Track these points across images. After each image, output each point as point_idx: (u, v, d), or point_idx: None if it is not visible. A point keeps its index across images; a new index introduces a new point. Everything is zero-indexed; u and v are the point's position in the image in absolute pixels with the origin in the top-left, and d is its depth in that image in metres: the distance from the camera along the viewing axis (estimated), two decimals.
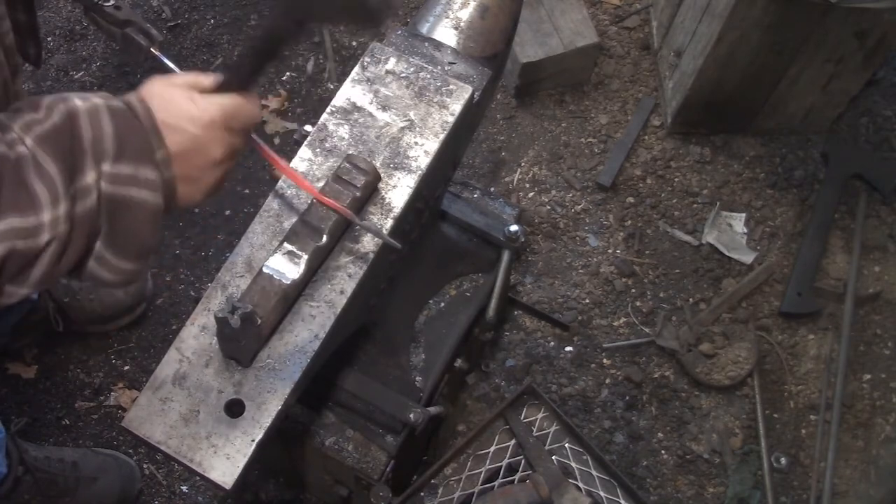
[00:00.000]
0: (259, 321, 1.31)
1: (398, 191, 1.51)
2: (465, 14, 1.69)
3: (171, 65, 1.55)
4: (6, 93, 1.30)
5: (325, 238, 1.41)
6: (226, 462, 1.31)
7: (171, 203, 1.08)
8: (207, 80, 1.11)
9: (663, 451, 2.41)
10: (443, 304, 1.98)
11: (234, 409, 1.34)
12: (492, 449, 1.80)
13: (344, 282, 1.44)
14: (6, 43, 1.29)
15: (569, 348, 2.51)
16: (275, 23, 1.10)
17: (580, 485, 1.74)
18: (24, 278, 0.97)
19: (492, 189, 2.67)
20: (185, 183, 1.08)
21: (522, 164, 2.78)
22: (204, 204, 1.07)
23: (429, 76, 1.61)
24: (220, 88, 1.10)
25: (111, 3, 1.57)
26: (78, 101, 0.99)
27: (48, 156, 0.95)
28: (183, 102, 1.06)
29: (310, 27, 1.15)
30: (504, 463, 1.79)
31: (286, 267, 1.38)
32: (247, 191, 2.68)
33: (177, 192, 1.08)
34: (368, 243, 1.47)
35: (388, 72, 1.61)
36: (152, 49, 1.58)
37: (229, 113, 1.09)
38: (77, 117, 0.98)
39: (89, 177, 0.97)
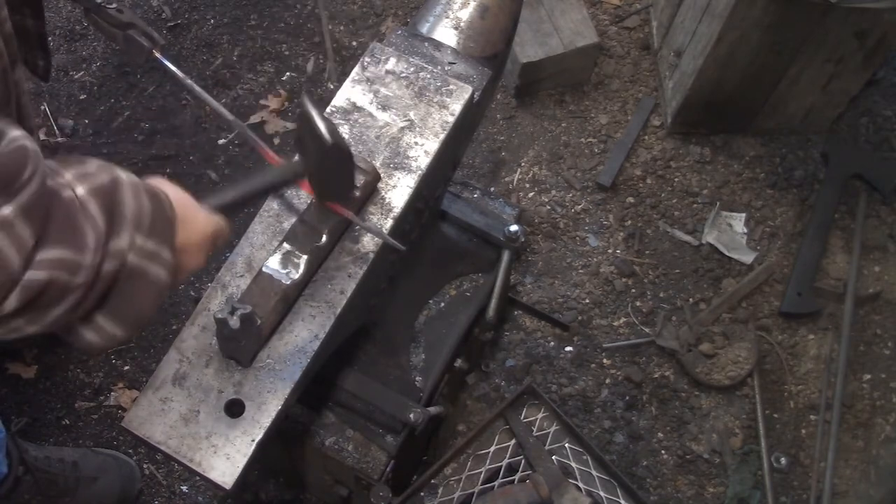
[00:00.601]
0: (259, 321, 1.31)
1: (398, 191, 1.51)
2: (465, 14, 1.69)
3: (172, 67, 1.56)
4: (6, 82, 1.30)
5: (324, 238, 1.41)
6: (226, 462, 1.31)
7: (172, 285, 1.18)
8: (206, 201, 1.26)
9: (663, 451, 2.41)
10: (443, 304, 1.98)
11: (234, 409, 1.34)
12: (492, 449, 1.80)
13: (344, 282, 1.44)
14: (5, 30, 1.29)
15: (569, 348, 2.51)
16: (284, 178, 1.30)
17: (580, 485, 1.74)
18: (45, 314, 0.99)
19: (492, 189, 2.67)
20: (179, 270, 1.19)
21: (522, 164, 2.78)
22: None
23: (429, 76, 1.60)
24: (218, 209, 1.24)
25: (113, 5, 1.57)
26: (120, 172, 1.07)
27: (98, 208, 1.00)
28: (195, 207, 1.20)
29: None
30: (504, 463, 1.79)
31: (286, 267, 1.38)
32: None
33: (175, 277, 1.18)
34: (368, 243, 1.47)
35: (388, 72, 1.61)
36: (154, 52, 1.58)
37: (219, 233, 1.24)
38: (121, 186, 1.04)
39: (124, 241, 1.03)
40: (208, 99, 1.54)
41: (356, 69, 1.61)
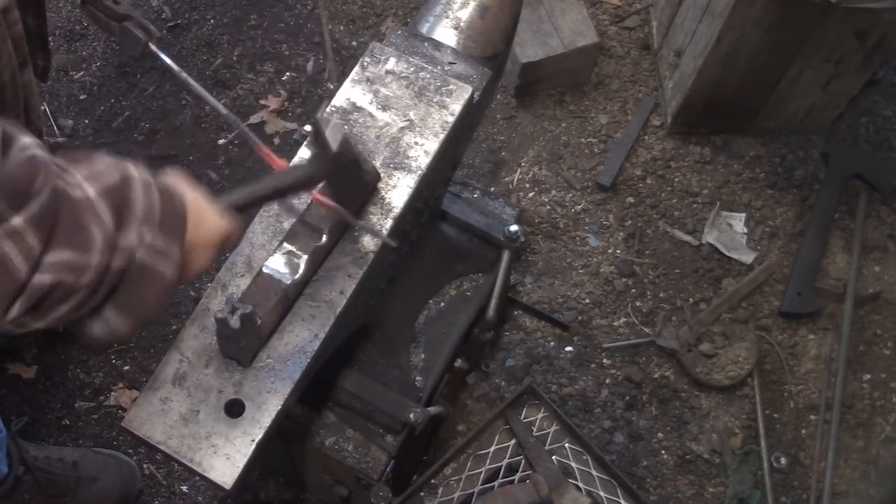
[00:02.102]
0: (259, 321, 1.31)
1: (398, 191, 1.51)
2: (465, 14, 1.69)
3: (168, 60, 1.56)
4: (14, 84, 1.31)
5: (324, 238, 1.41)
6: (226, 462, 1.31)
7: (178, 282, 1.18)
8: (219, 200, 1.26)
9: (663, 451, 2.41)
10: (443, 304, 1.98)
11: (234, 409, 1.34)
12: (492, 449, 1.80)
13: (344, 282, 1.44)
14: (15, 33, 1.30)
15: (569, 348, 2.51)
16: (296, 181, 1.31)
17: (580, 485, 1.74)
18: (50, 313, 1.00)
19: (492, 189, 2.67)
20: (184, 269, 1.19)
21: (522, 164, 2.78)
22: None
23: (429, 76, 1.60)
24: (230, 207, 1.24)
25: None
26: (132, 169, 1.07)
27: (107, 207, 1.01)
28: (208, 208, 1.20)
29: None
30: (504, 463, 1.79)
31: (286, 267, 1.38)
32: None
33: (182, 274, 1.18)
34: (368, 243, 1.47)
35: (388, 72, 1.61)
36: (150, 44, 1.57)
37: (228, 235, 1.24)
38: (132, 183, 1.05)
39: (132, 238, 1.03)
40: (205, 95, 1.53)
41: (356, 69, 1.61)
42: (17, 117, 1.36)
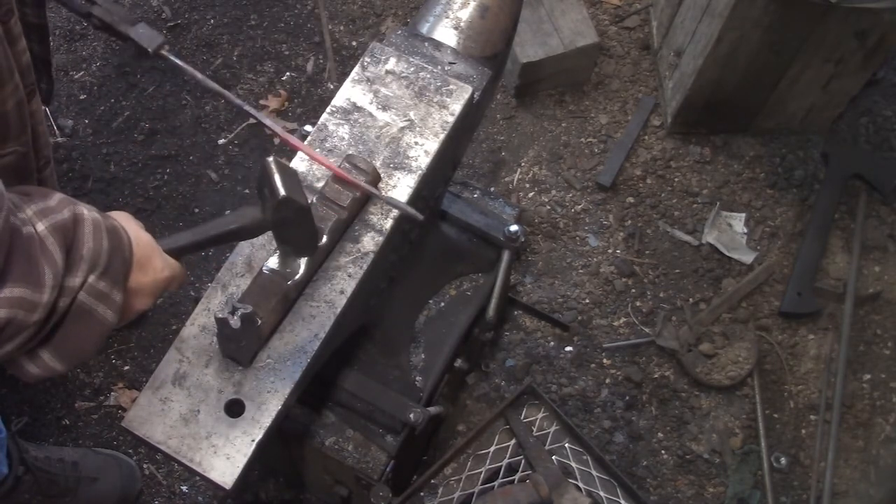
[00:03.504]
0: (259, 321, 1.31)
1: (398, 191, 1.51)
2: (465, 14, 1.69)
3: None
4: (20, 113, 1.30)
5: (325, 238, 1.41)
6: (226, 462, 1.31)
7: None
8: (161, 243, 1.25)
9: (663, 451, 2.41)
10: (443, 304, 1.98)
11: (234, 409, 1.34)
12: (492, 449, 1.80)
13: (344, 282, 1.44)
14: (23, 63, 1.30)
15: (569, 348, 2.51)
16: (241, 226, 1.28)
17: (580, 485, 1.74)
18: (1, 349, 0.99)
19: (492, 189, 2.67)
20: (127, 311, 1.19)
21: (522, 164, 2.78)
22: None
23: (429, 76, 1.61)
24: (174, 252, 1.24)
25: None
26: (83, 209, 1.07)
27: (57, 245, 1.00)
28: (154, 251, 1.19)
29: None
30: (504, 463, 1.79)
31: (286, 267, 1.38)
32: (247, 191, 2.68)
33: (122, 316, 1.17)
34: (368, 243, 1.47)
35: (388, 72, 1.61)
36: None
37: (173, 279, 1.24)
38: (82, 223, 1.05)
39: (77, 279, 1.03)
40: (220, 90, 1.52)
41: (356, 69, 1.61)
42: (23, 146, 1.36)
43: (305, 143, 1.55)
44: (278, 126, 1.48)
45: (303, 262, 1.39)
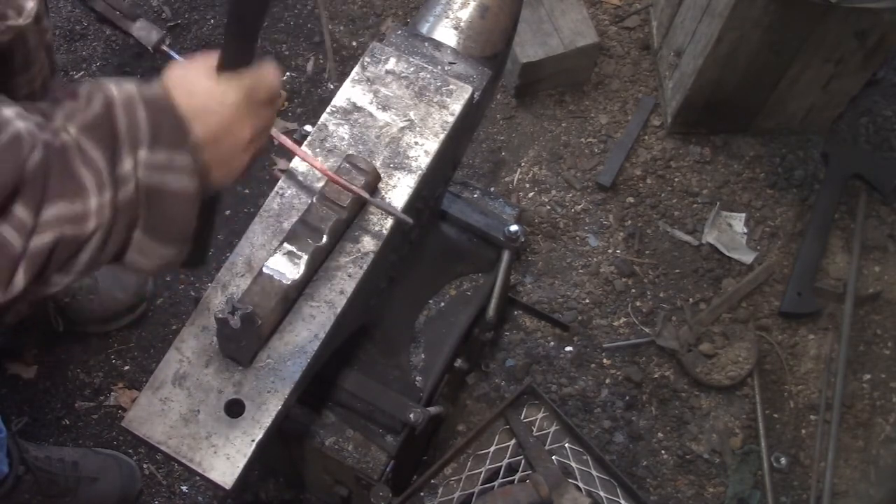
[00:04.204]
0: (259, 321, 1.31)
1: (398, 191, 1.51)
2: (465, 14, 1.69)
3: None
4: (45, 92, 1.31)
5: (325, 238, 1.41)
6: (226, 462, 1.31)
7: (205, 188, 1.08)
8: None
9: (663, 451, 2.41)
10: (443, 304, 1.98)
11: (234, 409, 1.34)
12: (492, 449, 1.80)
13: (344, 282, 1.44)
14: (47, 41, 1.30)
15: (569, 348, 2.51)
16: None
17: (580, 485, 1.74)
18: (70, 266, 0.96)
19: (492, 189, 2.67)
20: (217, 166, 1.09)
21: (522, 164, 2.78)
22: (234, 185, 1.11)
23: (429, 76, 1.61)
24: (229, 66, 1.08)
25: None
26: (113, 89, 1.00)
27: (92, 143, 0.95)
28: (206, 87, 1.06)
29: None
30: (504, 463, 1.79)
31: (286, 267, 1.38)
32: (247, 191, 2.68)
33: (210, 176, 1.08)
34: (368, 243, 1.47)
35: (388, 72, 1.61)
36: (163, 45, 1.56)
37: (251, 89, 1.09)
38: (113, 106, 0.98)
39: (127, 164, 0.97)
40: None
41: (356, 69, 1.61)
42: None
43: (305, 142, 1.55)
44: (274, 130, 1.48)
45: (303, 262, 1.39)
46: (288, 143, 1.44)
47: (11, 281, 0.91)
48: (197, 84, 1.06)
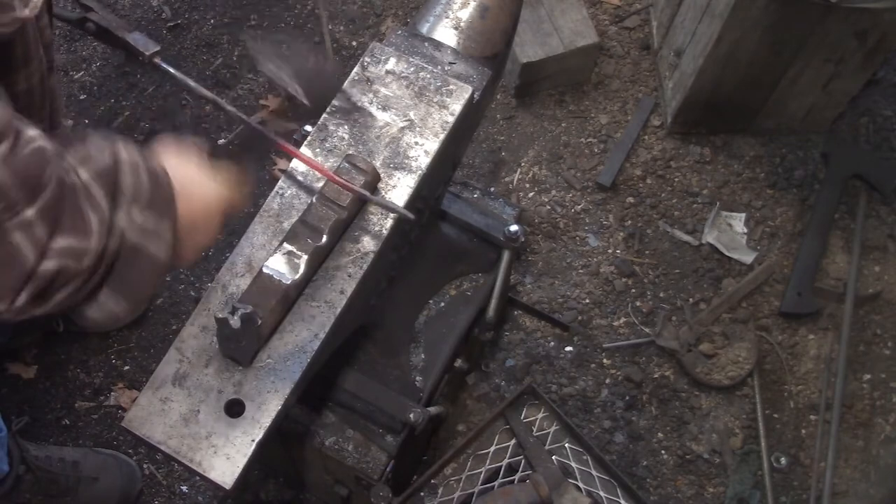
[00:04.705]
0: (259, 321, 1.31)
1: (398, 191, 1.51)
2: (465, 14, 1.69)
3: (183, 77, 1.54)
4: (42, 88, 1.32)
5: (325, 238, 1.41)
6: (226, 462, 1.31)
7: (172, 262, 1.17)
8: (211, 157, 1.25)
9: (663, 451, 2.41)
10: (443, 304, 1.98)
11: (234, 409, 1.34)
12: (492, 449, 1.80)
13: (344, 282, 1.44)
14: (46, 38, 1.31)
15: (569, 348, 2.51)
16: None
17: (580, 485, 1.74)
18: (52, 299, 1.01)
19: (492, 189, 2.67)
20: (185, 247, 1.18)
21: (522, 164, 2.78)
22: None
23: (429, 76, 1.60)
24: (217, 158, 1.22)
25: None
26: (122, 150, 1.07)
27: (101, 191, 1.02)
28: (200, 179, 1.18)
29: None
30: (504, 463, 1.79)
31: (286, 267, 1.38)
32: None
33: (178, 253, 1.17)
34: (368, 243, 1.47)
35: (388, 72, 1.61)
36: (155, 59, 1.56)
37: (229, 202, 1.23)
38: (121, 162, 1.06)
39: (121, 219, 1.04)
40: (214, 97, 1.52)
41: (356, 69, 1.61)
42: (41, 121, 1.38)
43: (305, 142, 1.55)
44: (271, 132, 1.48)
45: (303, 262, 1.39)
46: (287, 146, 1.44)
47: (18, 296, 0.96)
48: (192, 173, 1.17)
